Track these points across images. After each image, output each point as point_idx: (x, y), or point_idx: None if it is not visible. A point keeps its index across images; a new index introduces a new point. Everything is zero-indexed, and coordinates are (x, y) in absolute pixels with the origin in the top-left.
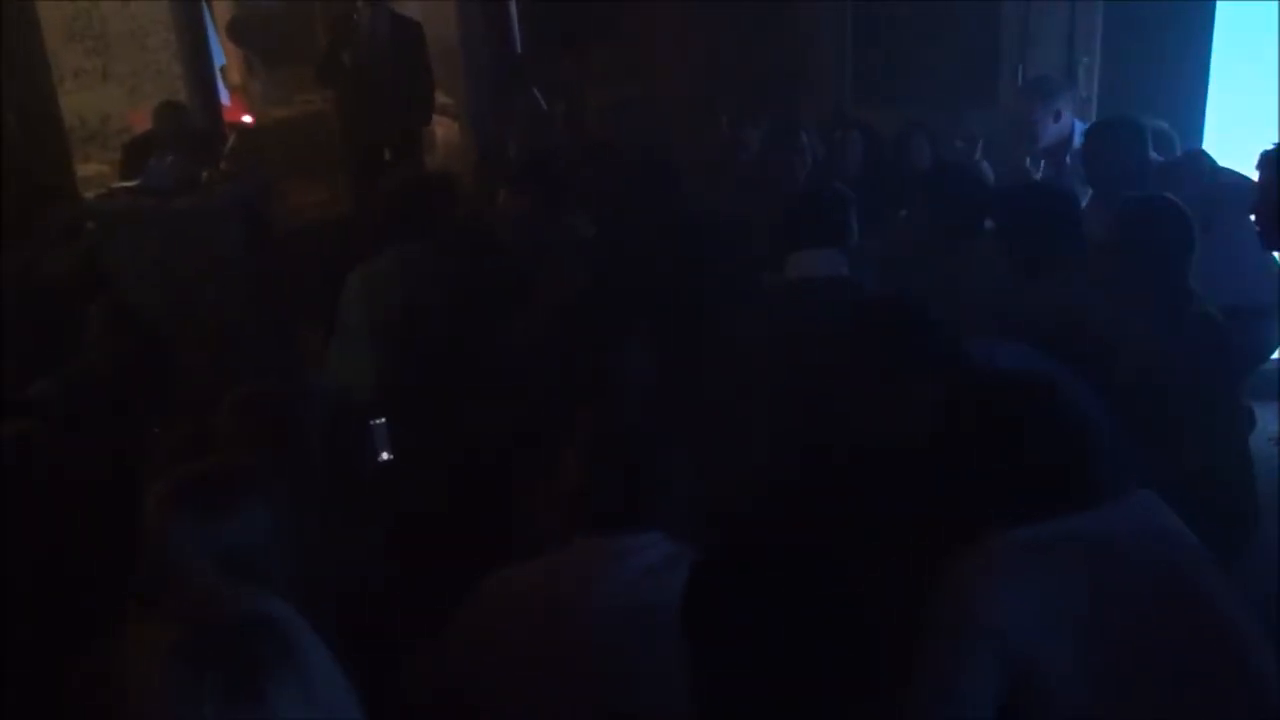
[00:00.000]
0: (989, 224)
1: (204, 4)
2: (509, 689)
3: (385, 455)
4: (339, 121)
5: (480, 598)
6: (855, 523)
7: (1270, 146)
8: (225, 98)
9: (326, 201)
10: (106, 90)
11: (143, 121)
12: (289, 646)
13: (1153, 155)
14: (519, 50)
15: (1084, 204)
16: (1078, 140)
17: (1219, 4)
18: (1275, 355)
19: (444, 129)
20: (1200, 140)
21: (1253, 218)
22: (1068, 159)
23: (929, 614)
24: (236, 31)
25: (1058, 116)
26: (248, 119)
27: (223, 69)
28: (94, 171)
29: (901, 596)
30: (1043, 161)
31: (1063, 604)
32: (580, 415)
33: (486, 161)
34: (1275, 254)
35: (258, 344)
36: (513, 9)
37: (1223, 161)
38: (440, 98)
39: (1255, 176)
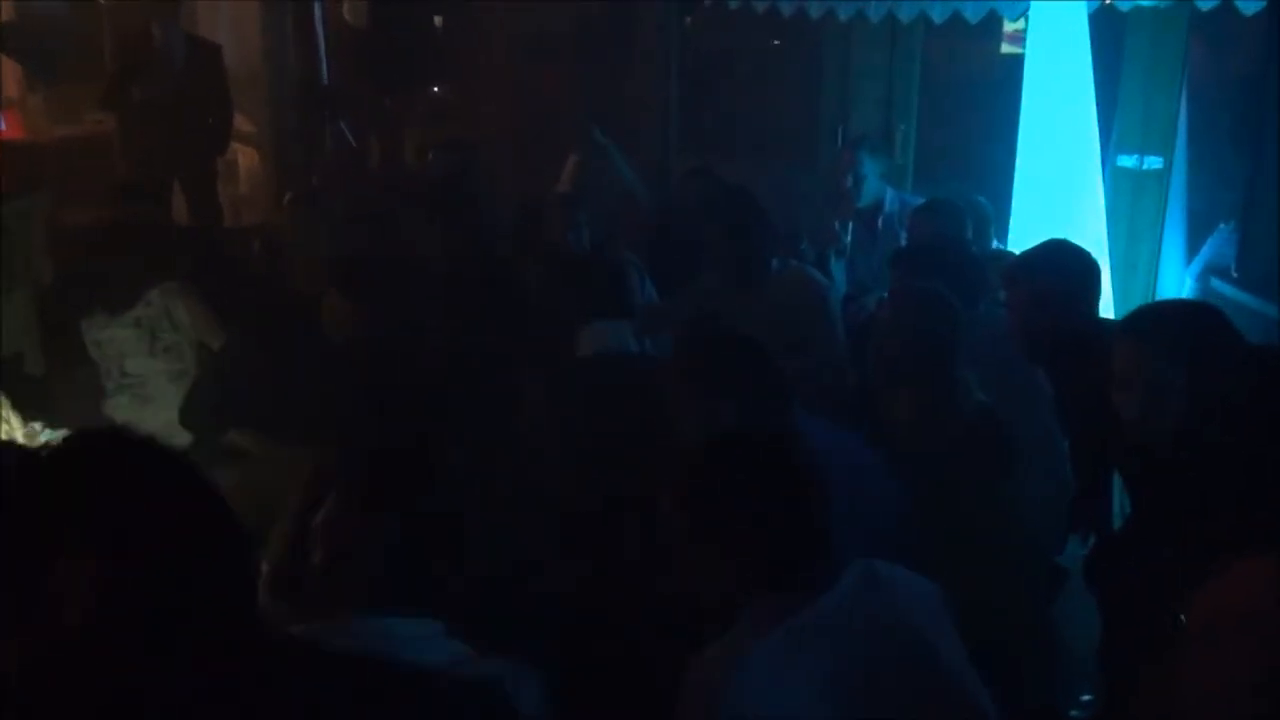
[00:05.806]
0: None
1: None
2: None
3: None
4: (121, 149)
5: None
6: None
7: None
8: None
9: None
10: None
11: None
12: None
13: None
14: (325, 81)
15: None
16: (889, 205)
17: (1026, 75)
18: None
19: (246, 157)
20: (1008, 206)
21: None
22: (879, 223)
23: (682, 704)
24: (2, 39)
25: (867, 180)
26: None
27: None
28: None
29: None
30: (851, 224)
31: (812, 687)
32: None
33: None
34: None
35: None
36: (319, 38)
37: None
38: (244, 125)
39: None
